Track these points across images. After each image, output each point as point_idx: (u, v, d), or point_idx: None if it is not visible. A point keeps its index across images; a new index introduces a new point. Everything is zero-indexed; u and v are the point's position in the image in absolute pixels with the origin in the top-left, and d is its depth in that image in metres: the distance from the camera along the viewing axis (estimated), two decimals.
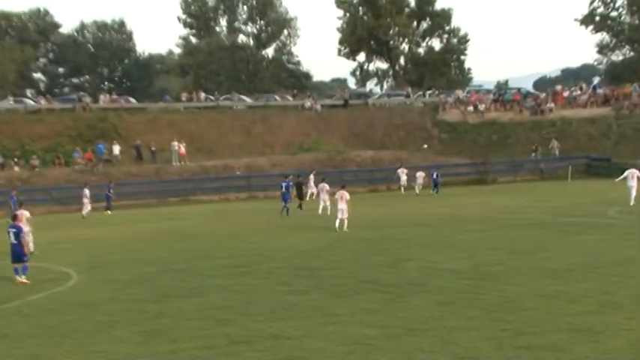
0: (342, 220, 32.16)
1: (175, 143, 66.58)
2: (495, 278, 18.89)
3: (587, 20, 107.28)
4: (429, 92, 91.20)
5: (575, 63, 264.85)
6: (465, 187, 59.66)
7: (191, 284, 20.16)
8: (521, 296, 16.48)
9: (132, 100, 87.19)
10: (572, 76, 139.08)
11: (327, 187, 40.53)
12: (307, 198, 50.11)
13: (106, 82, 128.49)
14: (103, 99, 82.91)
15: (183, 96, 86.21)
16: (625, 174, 39.18)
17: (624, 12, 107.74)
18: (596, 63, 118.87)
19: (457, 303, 16.13)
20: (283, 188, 42.99)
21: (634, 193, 38.02)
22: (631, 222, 30.90)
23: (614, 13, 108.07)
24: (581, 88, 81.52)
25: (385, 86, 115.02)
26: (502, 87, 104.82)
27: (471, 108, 78.26)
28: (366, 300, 16.92)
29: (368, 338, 13.52)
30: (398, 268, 21.26)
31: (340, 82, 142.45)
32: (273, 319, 15.38)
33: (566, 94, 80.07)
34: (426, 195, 53.46)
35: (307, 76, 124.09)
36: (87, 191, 50.85)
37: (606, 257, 21.58)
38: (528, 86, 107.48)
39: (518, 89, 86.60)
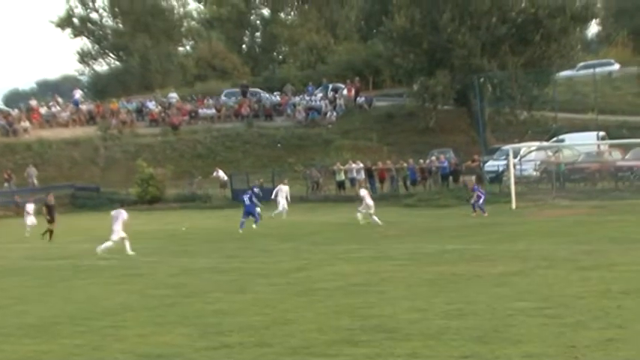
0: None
1: None
2: None
3: (64, 23, 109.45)
4: None
5: (54, 74, 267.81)
6: None
7: None
8: None
9: None
10: (51, 89, 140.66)
11: None
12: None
13: None
14: None
15: None
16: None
17: (106, 14, 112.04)
18: (78, 74, 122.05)
19: None
20: None
21: None
22: (123, 263, 32.06)
23: (95, 15, 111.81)
24: (59, 104, 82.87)
25: None
26: None
27: None
28: None
29: None
30: None
31: None
32: None
33: (43, 110, 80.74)
34: None
35: None
36: None
37: (97, 306, 22.03)
38: None
39: None
